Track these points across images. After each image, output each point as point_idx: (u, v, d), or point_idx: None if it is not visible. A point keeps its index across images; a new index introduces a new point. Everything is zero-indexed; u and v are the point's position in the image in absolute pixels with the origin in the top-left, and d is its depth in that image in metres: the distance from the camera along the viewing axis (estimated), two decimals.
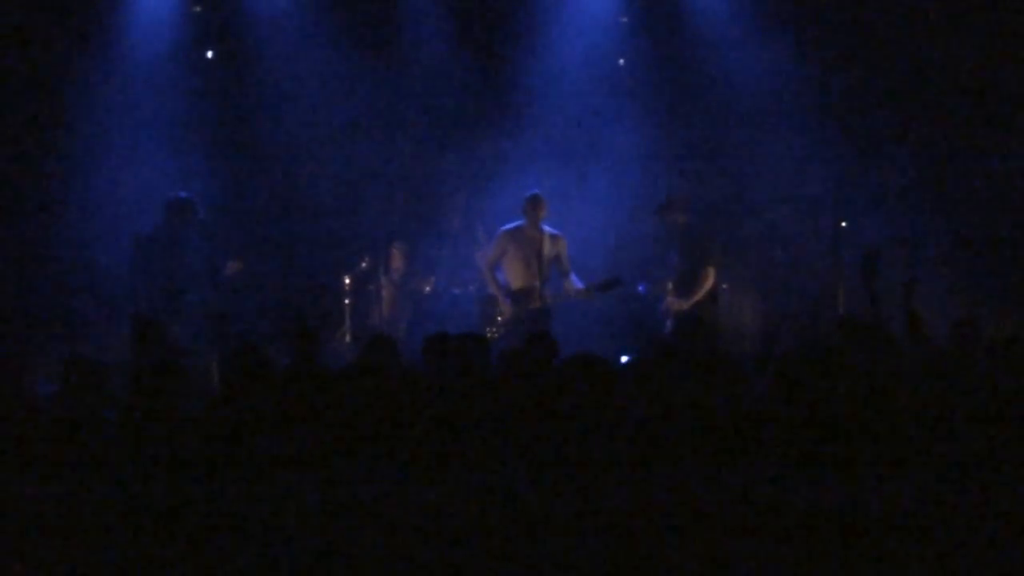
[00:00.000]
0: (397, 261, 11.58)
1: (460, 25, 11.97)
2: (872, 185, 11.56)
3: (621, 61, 12.18)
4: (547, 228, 10.13)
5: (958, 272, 11.10)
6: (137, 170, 11.37)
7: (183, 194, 10.08)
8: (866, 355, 6.24)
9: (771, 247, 11.94)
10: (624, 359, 9.48)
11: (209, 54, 11.92)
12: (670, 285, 10.52)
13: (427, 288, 11.44)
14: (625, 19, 12.07)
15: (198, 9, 11.82)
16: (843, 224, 10.44)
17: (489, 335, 9.92)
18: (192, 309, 9.90)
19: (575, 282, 10.17)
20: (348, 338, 10.90)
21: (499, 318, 10.16)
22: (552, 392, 5.46)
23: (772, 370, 5.40)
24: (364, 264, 11.52)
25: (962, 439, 5.21)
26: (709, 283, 9.91)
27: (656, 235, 10.57)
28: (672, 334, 9.62)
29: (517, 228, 10.12)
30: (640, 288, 11.35)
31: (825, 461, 4.91)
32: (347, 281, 11.33)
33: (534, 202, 10.05)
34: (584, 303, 10.61)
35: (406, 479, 5.03)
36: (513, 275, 10.15)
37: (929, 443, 5.15)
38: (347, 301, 11.29)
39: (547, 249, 10.03)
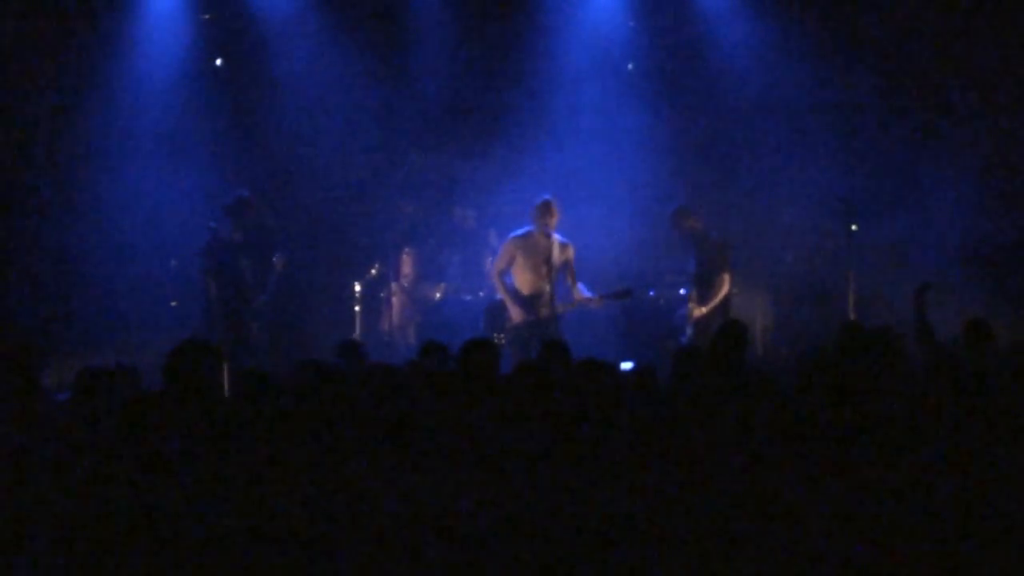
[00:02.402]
0: (407, 267, 11.59)
1: (469, 32, 11.98)
2: (883, 186, 11.55)
3: (630, 65, 12.18)
4: (556, 235, 10.02)
5: (969, 275, 11.08)
6: (147, 177, 11.38)
7: (243, 193, 10.24)
8: (870, 361, 6.22)
9: (781, 249, 11.93)
10: (626, 365, 9.46)
11: (218, 62, 11.94)
12: (682, 291, 10.53)
13: (437, 295, 11.44)
14: (633, 23, 12.08)
15: (207, 17, 11.84)
16: (853, 227, 10.40)
17: (496, 341, 9.86)
18: (263, 308, 10.19)
19: (582, 290, 10.08)
20: None
21: (508, 324, 10.09)
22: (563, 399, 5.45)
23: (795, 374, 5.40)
24: (374, 271, 11.54)
25: (972, 441, 5.21)
26: (725, 289, 9.95)
27: (671, 242, 10.58)
28: (691, 342, 9.62)
29: (527, 234, 10.01)
30: (651, 292, 11.35)
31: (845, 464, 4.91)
32: (357, 288, 11.35)
33: (545, 208, 9.94)
34: (590, 310, 10.58)
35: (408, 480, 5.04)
36: (522, 281, 10.00)
37: (938, 445, 5.14)
38: (357, 308, 11.30)
39: (556, 256, 9.91)
